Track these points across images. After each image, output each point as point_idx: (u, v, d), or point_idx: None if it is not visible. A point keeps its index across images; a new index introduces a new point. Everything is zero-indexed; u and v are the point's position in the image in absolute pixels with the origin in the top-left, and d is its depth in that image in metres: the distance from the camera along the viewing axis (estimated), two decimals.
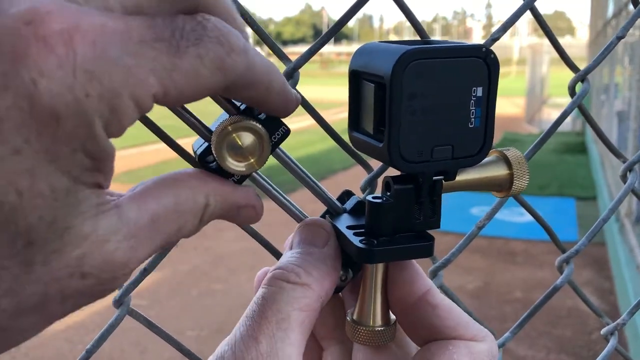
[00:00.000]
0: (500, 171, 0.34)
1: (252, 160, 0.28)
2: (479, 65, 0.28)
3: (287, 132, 0.30)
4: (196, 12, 0.23)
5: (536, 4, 0.47)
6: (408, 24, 0.42)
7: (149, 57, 0.21)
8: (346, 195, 0.36)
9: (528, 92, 13.09)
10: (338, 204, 0.35)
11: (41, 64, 0.19)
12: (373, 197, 0.31)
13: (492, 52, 0.29)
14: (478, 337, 0.31)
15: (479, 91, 0.29)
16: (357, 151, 0.34)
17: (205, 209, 0.27)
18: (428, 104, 0.28)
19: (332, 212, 0.35)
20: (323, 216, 0.35)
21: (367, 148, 0.31)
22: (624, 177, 0.57)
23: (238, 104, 0.30)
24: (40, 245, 0.21)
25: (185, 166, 0.32)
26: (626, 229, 3.79)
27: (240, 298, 3.51)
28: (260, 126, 0.28)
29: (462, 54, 0.28)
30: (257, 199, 0.30)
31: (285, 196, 0.34)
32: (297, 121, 11.41)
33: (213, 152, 0.28)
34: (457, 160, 0.30)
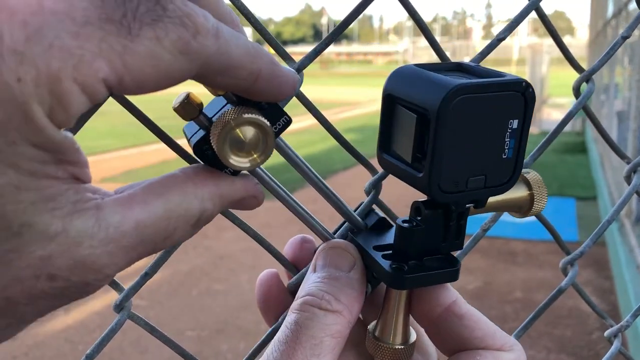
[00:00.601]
0: (521, 193, 0.35)
1: (255, 155, 0.27)
2: (518, 98, 0.29)
3: (288, 122, 0.29)
4: None
5: (540, 4, 0.47)
6: (408, 24, 0.42)
7: (95, 39, 0.19)
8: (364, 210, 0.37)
9: None
10: (359, 219, 0.35)
11: None
12: (403, 221, 0.32)
13: (530, 86, 0.29)
14: (506, 347, 0.31)
15: (515, 123, 0.29)
16: (386, 172, 0.33)
17: (201, 214, 0.26)
18: (468, 137, 0.28)
19: (353, 227, 0.35)
20: (343, 231, 0.35)
21: (399, 173, 0.31)
22: (628, 178, 0.57)
23: (210, 114, 0.28)
24: None
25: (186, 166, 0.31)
26: (626, 229, 3.79)
27: (240, 298, 3.50)
28: (264, 120, 0.27)
29: (504, 89, 0.28)
30: (257, 187, 0.29)
31: (307, 211, 0.34)
32: (297, 121, 11.37)
33: (214, 148, 0.27)
34: (489, 189, 0.30)
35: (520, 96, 0.29)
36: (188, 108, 0.27)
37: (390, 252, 0.32)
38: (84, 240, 0.21)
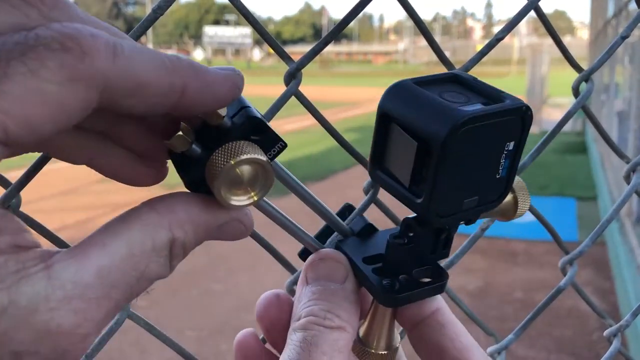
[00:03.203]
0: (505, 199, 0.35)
1: (253, 193, 0.26)
2: (516, 122, 0.29)
3: (283, 147, 0.28)
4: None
5: (539, 3, 0.47)
6: (408, 23, 0.42)
7: None
8: (347, 210, 0.36)
9: (528, 91, 13.08)
10: (344, 225, 0.35)
11: None
12: (394, 238, 0.32)
13: (530, 109, 0.29)
14: None
15: (511, 145, 0.29)
16: (381, 187, 0.33)
17: (174, 244, 0.24)
18: (467, 163, 0.28)
19: (332, 228, 0.35)
20: (324, 231, 0.35)
21: (395, 193, 0.30)
22: (627, 178, 0.57)
23: (231, 114, 0.26)
24: None
25: None
26: (626, 229, 3.79)
27: (239, 298, 3.50)
28: (264, 159, 0.26)
29: (506, 115, 0.28)
30: (242, 212, 0.27)
31: (294, 222, 0.33)
32: (297, 121, 11.40)
33: (212, 189, 0.25)
34: (480, 207, 0.30)
35: (519, 120, 0.29)
36: (179, 141, 0.25)
37: (380, 265, 0.32)
38: (39, 305, 0.19)
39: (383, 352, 0.33)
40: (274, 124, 0.33)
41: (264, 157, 0.26)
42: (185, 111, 0.23)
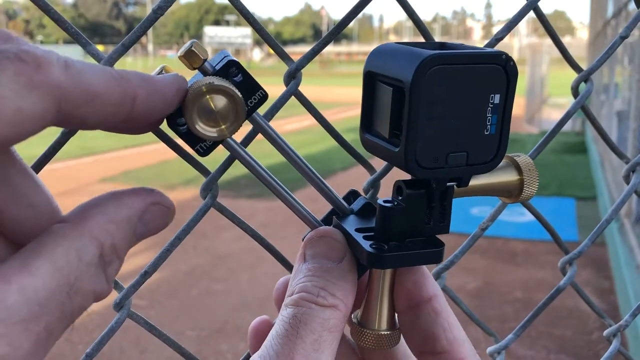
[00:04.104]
0: (511, 177, 0.34)
1: (223, 126, 0.27)
2: (498, 72, 0.28)
3: (264, 96, 0.29)
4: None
5: (538, 3, 0.47)
6: (408, 24, 0.42)
7: None
8: (352, 195, 0.36)
9: (528, 91, 13.09)
10: (345, 204, 0.35)
11: None
12: (384, 201, 0.31)
13: (511, 59, 0.28)
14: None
15: (497, 98, 0.29)
16: (368, 153, 0.33)
17: (103, 250, 0.22)
18: (446, 110, 0.28)
19: (338, 213, 0.34)
20: (329, 216, 0.35)
21: (380, 151, 0.30)
22: (627, 178, 0.57)
23: (214, 64, 0.29)
24: None
25: (185, 167, 0.31)
26: (626, 229, 3.79)
27: (240, 298, 3.51)
28: (236, 90, 0.27)
29: (482, 61, 0.28)
30: (156, 195, 0.26)
31: (295, 198, 0.33)
32: (297, 121, 11.40)
33: (184, 115, 0.27)
34: (471, 167, 0.30)
35: (501, 70, 0.28)
36: (191, 56, 0.28)
37: (372, 233, 0.31)
38: None
39: (384, 332, 0.32)
40: (274, 124, 0.34)
41: (236, 90, 0.27)
42: (140, 119, 0.24)
